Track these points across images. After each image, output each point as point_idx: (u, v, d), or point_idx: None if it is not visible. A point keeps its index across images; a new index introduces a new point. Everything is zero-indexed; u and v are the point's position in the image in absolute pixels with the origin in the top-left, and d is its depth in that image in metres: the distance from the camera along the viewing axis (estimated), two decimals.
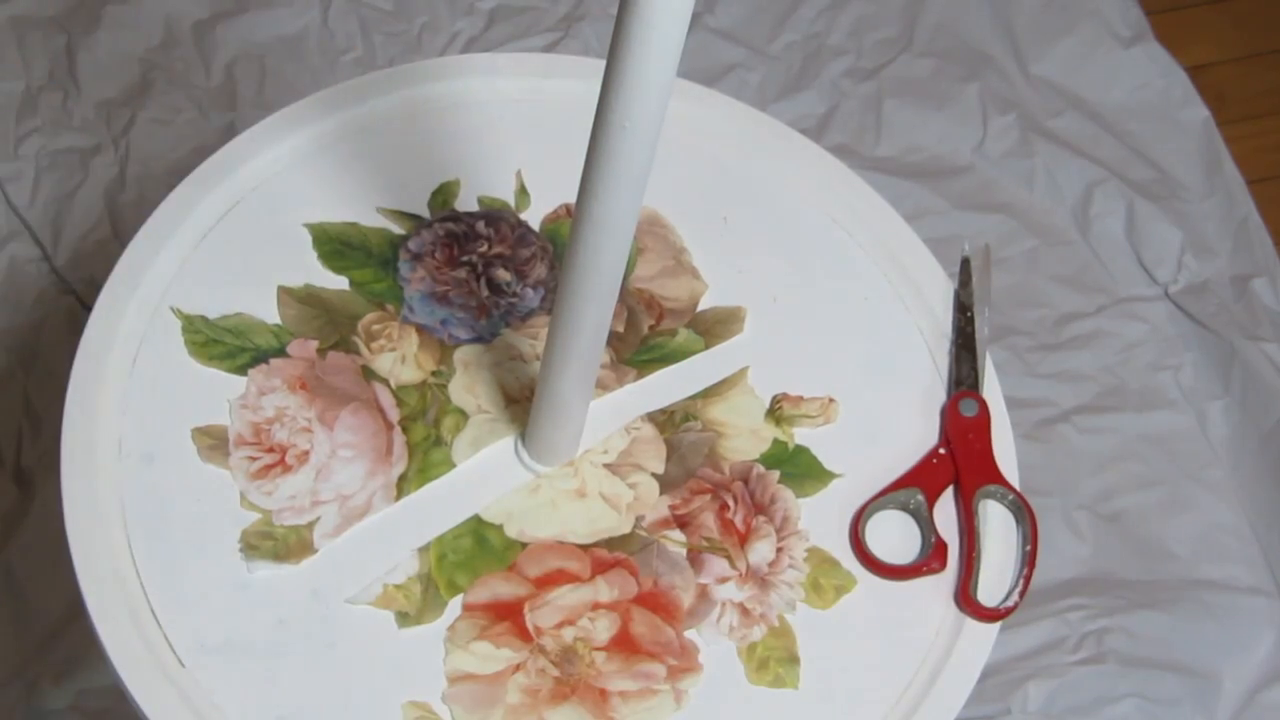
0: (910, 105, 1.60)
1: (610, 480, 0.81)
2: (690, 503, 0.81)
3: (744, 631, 0.78)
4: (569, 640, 0.77)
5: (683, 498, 0.81)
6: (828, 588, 0.80)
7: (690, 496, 0.82)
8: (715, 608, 0.79)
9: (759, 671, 0.77)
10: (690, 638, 0.78)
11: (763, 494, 0.82)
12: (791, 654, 0.78)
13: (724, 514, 0.81)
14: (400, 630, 0.76)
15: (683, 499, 0.81)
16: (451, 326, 0.85)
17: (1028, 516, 0.82)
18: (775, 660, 0.78)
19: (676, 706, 0.76)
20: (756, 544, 0.80)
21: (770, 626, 0.78)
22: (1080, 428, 1.43)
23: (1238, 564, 1.37)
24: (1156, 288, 1.52)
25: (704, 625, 0.78)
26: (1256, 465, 1.42)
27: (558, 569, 0.79)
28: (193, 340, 0.82)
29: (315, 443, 0.80)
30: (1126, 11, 1.68)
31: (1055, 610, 1.31)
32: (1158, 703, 1.28)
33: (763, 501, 0.82)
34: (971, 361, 0.87)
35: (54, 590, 1.25)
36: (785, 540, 0.81)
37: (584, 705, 0.75)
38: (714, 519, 0.81)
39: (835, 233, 0.91)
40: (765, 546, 0.80)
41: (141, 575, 0.76)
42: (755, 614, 0.79)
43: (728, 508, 0.81)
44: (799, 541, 0.81)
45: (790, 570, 0.80)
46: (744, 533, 0.81)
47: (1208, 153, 1.60)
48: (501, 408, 0.83)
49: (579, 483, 0.81)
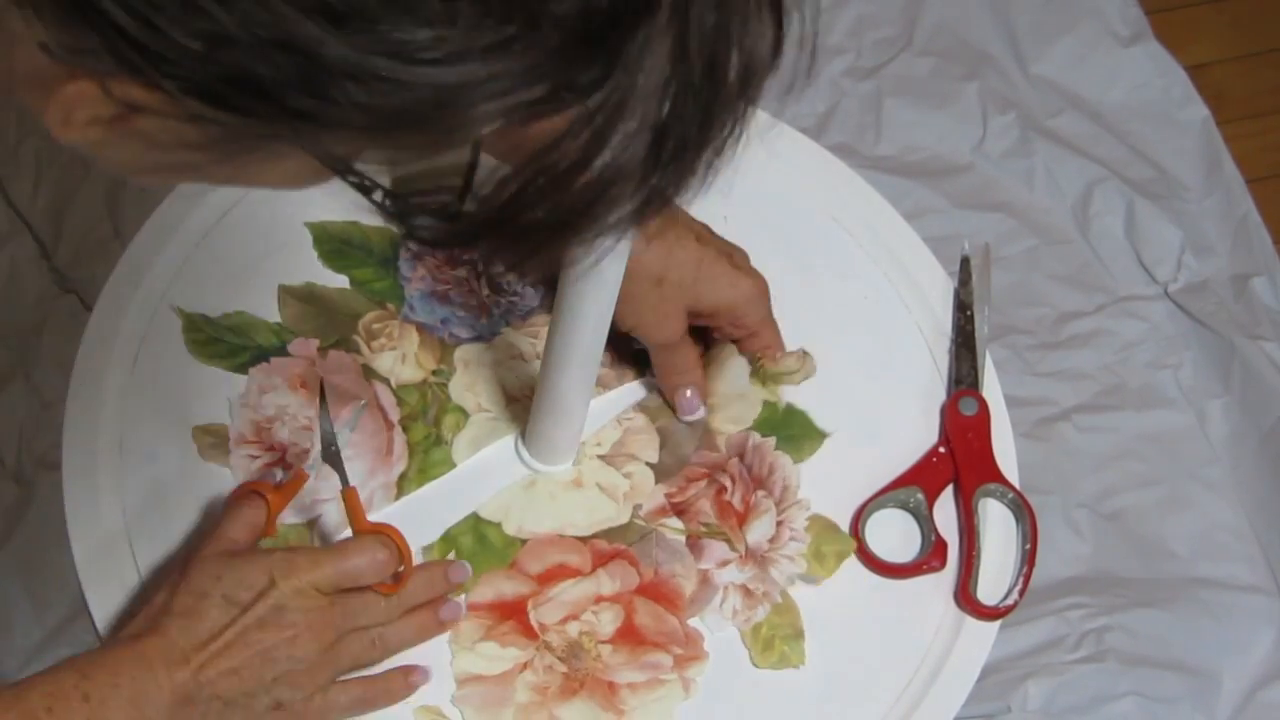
0: (910, 104, 1.59)
1: (606, 471, 0.81)
2: (686, 490, 0.81)
3: (748, 614, 0.78)
4: (574, 635, 0.77)
5: (679, 485, 0.82)
6: (829, 554, 0.80)
7: (686, 484, 0.82)
8: (718, 592, 0.79)
9: (764, 653, 0.77)
10: (694, 625, 0.78)
11: (761, 465, 0.82)
12: (796, 629, 0.78)
13: (721, 497, 0.81)
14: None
15: (679, 486, 0.82)
16: (452, 325, 0.85)
17: (1027, 515, 0.82)
18: (780, 638, 0.78)
19: (685, 695, 0.76)
20: (755, 522, 0.81)
21: (773, 604, 0.79)
22: (1080, 426, 1.42)
23: (1237, 562, 1.37)
24: (1156, 286, 1.52)
25: (707, 611, 0.78)
26: (1256, 464, 1.42)
27: (559, 564, 0.79)
28: (194, 339, 0.83)
29: (315, 442, 0.80)
30: (1126, 11, 1.67)
31: (1055, 609, 1.31)
32: (1157, 701, 1.28)
33: (761, 474, 0.82)
34: (971, 360, 0.87)
35: (54, 589, 1.25)
36: (786, 512, 0.81)
37: (594, 699, 0.75)
38: (711, 504, 0.81)
39: (835, 232, 0.91)
40: (765, 523, 0.81)
41: (142, 575, 0.76)
42: (758, 593, 0.79)
43: (725, 490, 0.81)
44: (799, 511, 0.81)
45: (792, 543, 0.80)
46: (743, 513, 0.81)
47: (1207, 152, 1.60)
48: (502, 407, 0.83)
49: (575, 474, 0.81)
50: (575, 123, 0.41)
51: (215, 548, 0.71)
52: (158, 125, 0.42)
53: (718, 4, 0.40)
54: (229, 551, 0.71)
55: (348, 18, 0.38)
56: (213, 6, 0.37)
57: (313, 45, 0.38)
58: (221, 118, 0.40)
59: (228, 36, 0.38)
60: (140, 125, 0.43)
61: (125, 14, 0.38)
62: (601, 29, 0.39)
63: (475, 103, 0.40)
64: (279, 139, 0.42)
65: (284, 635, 0.68)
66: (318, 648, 0.69)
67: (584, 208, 0.43)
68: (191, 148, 0.43)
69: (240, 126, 0.41)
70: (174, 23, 0.38)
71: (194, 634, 0.67)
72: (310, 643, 0.69)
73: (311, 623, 0.69)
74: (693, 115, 0.42)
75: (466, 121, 0.41)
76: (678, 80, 0.41)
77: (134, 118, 0.42)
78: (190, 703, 0.66)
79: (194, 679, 0.67)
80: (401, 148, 0.44)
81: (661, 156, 0.42)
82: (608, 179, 0.42)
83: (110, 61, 0.39)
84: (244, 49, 0.38)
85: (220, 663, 0.67)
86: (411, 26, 0.38)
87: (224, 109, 0.40)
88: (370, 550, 0.71)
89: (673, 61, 0.40)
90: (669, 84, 0.41)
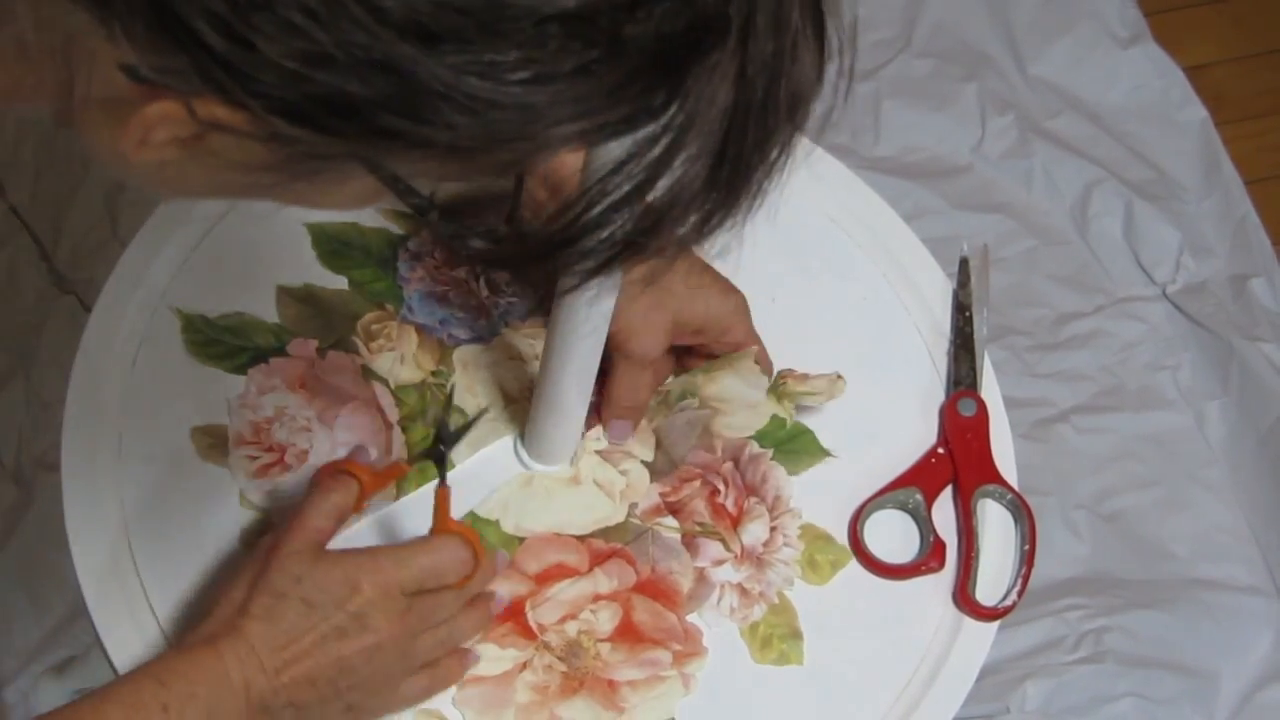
0: (909, 105, 1.60)
1: (602, 467, 0.81)
2: (680, 490, 0.82)
3: (745, 612, 0.78)
4: (573, 634, 0.77)
5: (672, 485, 0.82)
6: (823, 564, 0.80)
7: (680, 484, 0.82)
8: (714, 590, 0.79)
9: (763, 650, 0.77)
10: (693, 622, 0.78)
11: (754, 474, 0.82)
12: (794, 629, 0.78)
13: (714, 499, 0.81)
14: None
15: (672, 487, 0.82)
16: (451, 326, 0.85)
17: (1026, 516, 0.83)
18: (778, 637, 0.78)
19: (685, 691, 0.76)
20: (749, 525, 0.81)
21: (770, 604, 0.79)
22: (1078, 427, 1.43)
23: (1236, 563, 1.37)
24: (1155, 288, 1.52)
25: (705, 608, 0.78)
26: (1255, 465, 1.42)
27: (556, 563, 0.79)
28: (192, 340, 0.83)
29: (315, 442, 0.80)
30: (1125, 12, 1.68)
31: (1054, 609, 1.31)
32: (1156, 702, 1.29)
33: (754, 482, 0.82)
34: (970, 361, 0.87)
35: (54, 590, 1.25)
36: (778, 519, 0.81)
37: (594, 697, 0.75)
38: (705, 505, 0.81)
39: (835, 233, 0.91)
40: (758, 527, 0.81)
41: (141, 575, 0.76)
42: (754, 593, 0.79)
43: (718, 492, 0.82)
44: (792, 520, 0.81)
45: (785, 548, 0.80)
46: (736, 515, 0.81)
47: (1206, 153, 1.60)
48: (501, 407, 0.83)
49: (573, 471, 0.81)
50: (641, 145, 0.43)
51: (298, 541, 0.69)
52: (232, 144, 0.43)
53: (775, 32, 0.42)
54: (312, 547, 0.69)
55: (443, 39, 0.39)
56: (311, 27, 0.38)
57: (408, 65, 0.39)
58: (303, 136, 0.41)
59: (324, 56, 0.39)
60: (214, 144, 0.44)
61: (220, 35, 0.39)
62: (677, 53, 0.41)
63: (558, 123, 0.41)
64: (354, 159, 0.44)
65: (364, 644, 0.68)
66: (396, 655, 0.69)
67: (646, 229, 0.44)
68: (261, 168, 0.44)
69: (317, 146, 0.42)
70: (271, 43, 0.39)
71: (271, 639, 0.66)
72: (390, 651, 0.69)
73: (392, 630, 0.68)
74: (749, 139, 0.44)
75: (546, 143, 0.42)
76: (738, 104, 0.43)
77: (209, 136, 0.43)
78: (266, 712, 0.66)
79: (270, 687, 0.66)
80: (478, 168, 0.45)
81: (719, 178, 0.44)
82: (670, 201, 0.44)
83: (197, 81, 0.40)
84: (340, 69, 0.39)
85: (297, 670, 0.66)
86: (504, 48, 0.39)
87: (309, 128, 0.41)
88: (454, 549, 0.71)
89: (735, 86, 0.42)
90: (731, 108, 0.43)
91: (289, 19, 0.38)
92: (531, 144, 0.42)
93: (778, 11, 0.42)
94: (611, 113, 0.42)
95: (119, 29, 0.41)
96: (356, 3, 0.38)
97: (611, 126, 0.42)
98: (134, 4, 0.40)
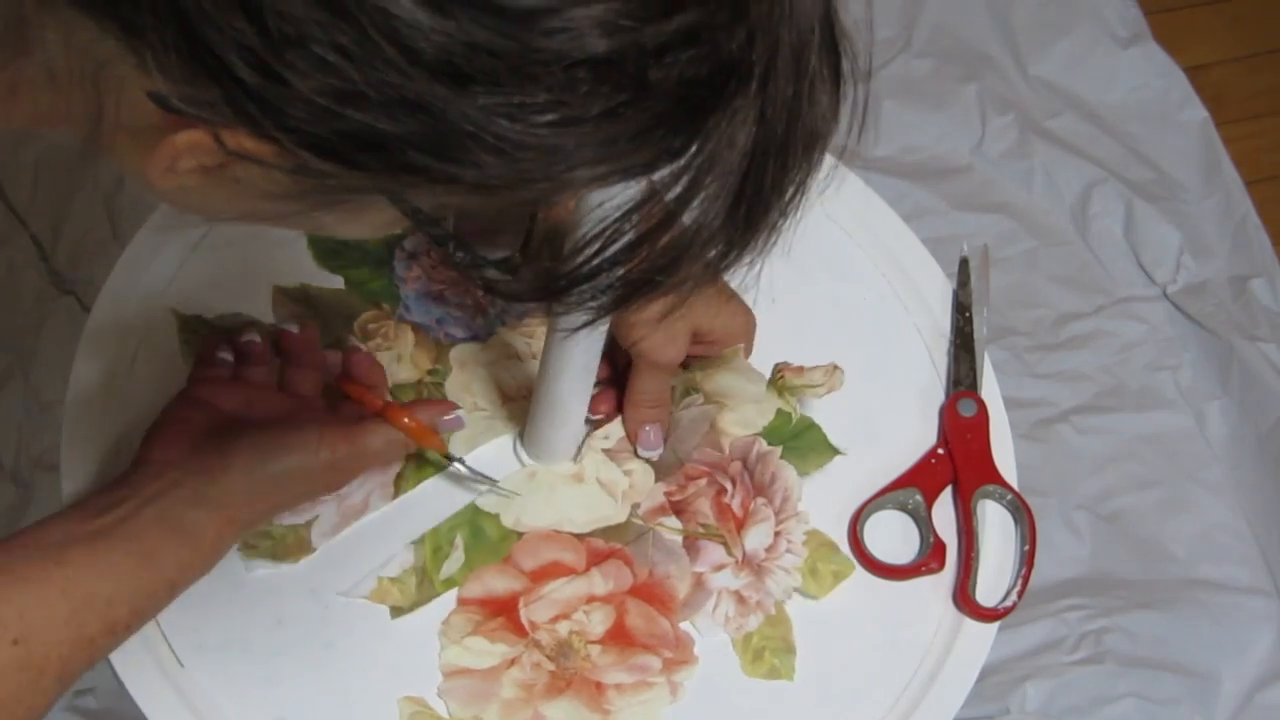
0: (909, 105, 1.59)
1: (607, 466, 0.81)
2: (686, 488, 0.81)
3: (740, 621, 0.78)
4: (564, 634, 0.77)
5: (678, 483, 0.81)
6: (825, 573, 0.80)
7: (686, 482, 0.82)
8: (711, 597, 0.79)
9: (754, 663, 0.77)
10: (686, 629, 0.78)
11: (763, 473, 0.82)
12: (788, 643, 0.78)
13: (720, 499, 0.81)
14: (396, 626, 0.76)
15: (679, 485, 0.81)
16: (447, 325, 0.85)
17: (1026, 516, 0.82)
18: (771, 650, 0.78)
19: (672, 699, 0.76)
20: (754, 528, 0.80)
21: (767, 615, 0.78)
22: (1079, 428, 1.42)
23: (1236, 564, 1.37)
24: (1155, 288, 1.52)
25: (699, 616, 0.78)
26: (1255, 465, 1.42)
27: (553, 561, 0.78)
28: (190, 340, 0.82)
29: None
30: (1125, 12, 1.67)
31: (1054, 610, 1.31)
32: (1156, 703, 1.28)
33: (762, 481, 0.82)
34: (970, 361, 0.87)
35: None
36: (784, 523, 0.81)
37: (579, 698, 0.75)
38: (710, 504, 0.81)
39: (834, 233, 0.91)
40: (763, 530, 0.80)
41: None
42: (752, 602, 0.79)
43: (725, 491, 0.81)
44: (798, 524, 0.81)
45: (788, 555, 0.80)
46: (741, 517, 0.81)
47: (1206, 153, 1.60)
48: (498, 406, 0.83)
49: (577, 468, 0.81)
50: (661, 185, 0.44)
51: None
52: (258, 174, 0.44)
53: (795, 76, 0.43)
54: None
55: (474, 81, 0.39)
56: (344, 65, 0.39)
57: (439, 105, 0.40)
58: (329, 170, 0.42)
59: (356, 94, 0.39)
60: (239, 173, 0.44)
61: (252, 69, 0.39)
62: (700, 97, 0.42)
63: (583, 165, 0.42)
64: (378, 192, 0.44)
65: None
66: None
67: (663, 266, 0.46)
68: (285, 197, 0.45)
69: (344, 180, 0.43)
70: (303, 79, 0.39)
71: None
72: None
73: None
74: (767, 179, 0.45)
75: (569, 183, 0.43)
76: (757, 146, 0.44)
77: (235, 165, 0.43)
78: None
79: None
80: (500, 203, 0.45)
81: (737, 217, 0.45)
82: (688, 238, 0.45)
83: (228, 113, 0.41)
84: (371, 107, 0.40)
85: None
86: (534, 91, 0.40)
87: (337, 162, 0.42)
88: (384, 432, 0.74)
89: (755, 128, 0.43)
90: (750, 150, 0.44)
91: (322, 56, 0.39)
92: (555, 184, 0.43)
93: (798, 56, 0.43)
94: (635, 155, 0.43)
95: (151, 59, 0.41)
96: (390, 43, 0.39)
97: (634, 168, 0.43)
98: (167, 35, 0.40)
